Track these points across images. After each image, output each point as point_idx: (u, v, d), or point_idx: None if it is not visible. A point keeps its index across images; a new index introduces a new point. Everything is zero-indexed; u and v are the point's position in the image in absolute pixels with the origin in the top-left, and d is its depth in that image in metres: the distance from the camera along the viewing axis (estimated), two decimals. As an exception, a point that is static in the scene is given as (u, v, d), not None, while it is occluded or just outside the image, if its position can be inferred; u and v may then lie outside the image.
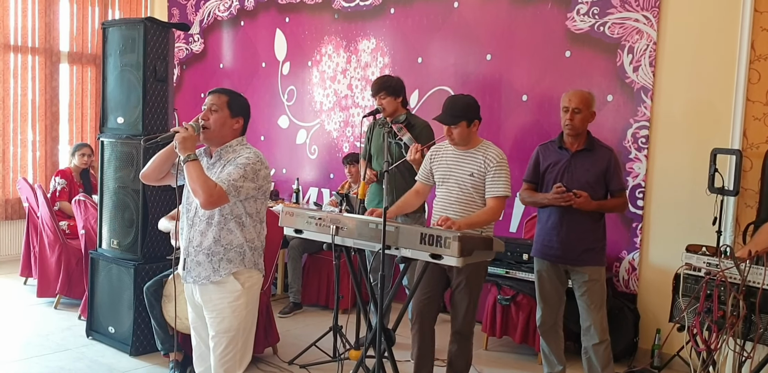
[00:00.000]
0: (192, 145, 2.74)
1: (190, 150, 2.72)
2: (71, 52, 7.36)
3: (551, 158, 3.76)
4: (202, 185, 2.67)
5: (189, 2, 7.50)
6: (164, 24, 4.47)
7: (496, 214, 3.50)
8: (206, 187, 2.67)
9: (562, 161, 3.72)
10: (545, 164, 3.77)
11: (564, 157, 3.72)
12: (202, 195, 2.67)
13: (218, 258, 2.83)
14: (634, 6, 4.52)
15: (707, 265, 3.05)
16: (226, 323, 2.83)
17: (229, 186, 2.71)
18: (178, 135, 2.72)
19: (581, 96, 3.66)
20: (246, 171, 2.76)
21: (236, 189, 2.73)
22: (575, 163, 3.70)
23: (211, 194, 2.67)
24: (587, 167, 3.68)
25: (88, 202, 5.04)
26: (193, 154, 2.72)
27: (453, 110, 3.49)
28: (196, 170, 2.70)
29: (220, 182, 2.71)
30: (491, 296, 4.63)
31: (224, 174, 2.75)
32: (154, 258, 4.38)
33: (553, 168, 3.74)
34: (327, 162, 6.36)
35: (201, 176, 2.69)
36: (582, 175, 3.67)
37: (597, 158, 3.69)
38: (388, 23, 5.84)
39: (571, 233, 3.68)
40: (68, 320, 5.07)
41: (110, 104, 4.53)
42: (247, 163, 2.78)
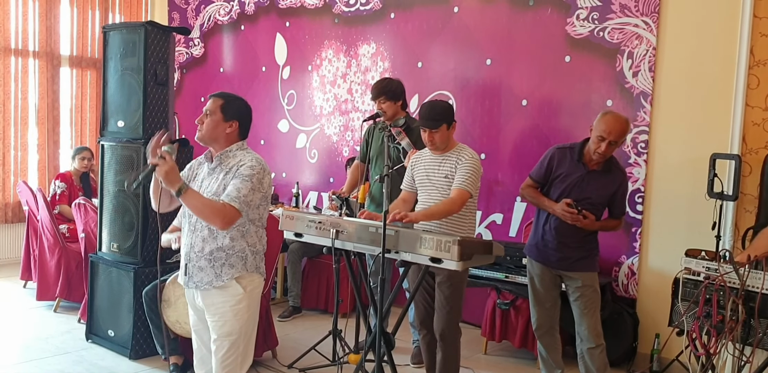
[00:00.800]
0: (176, 176, 2.66)
1: (177, 181, 2.66)
2: (72, 55, 7.37)
3: (566, 168, 3.69)
4: (211, 212, 2.68)
5: (189, 6, 7.52)
6: (165, 28, 4.48)
7: (456, 204, 3.37)
8: (215, 212, 2.68)
9: (576, 175, 3.65)
10: (558, 171, 3.70)
11: (579, 171, 3.65)
12: (216, 221, 2.70)
13: (220, 263, 2.83)
14: (634, 11, 4.54)
15: (706, 269, 3.06)
16: (228, 326, 2.83)
17: (241, 203, 2.73)
18: (159, 169, 2.63)
19: (621, 130, 3.51)
20: (253, 183, 2.77)
21: (247, 204, 2.76)
22: (589, 180, 3.64)
23: (224, 216, 2.70)
24: (598, 187, 3.65)
25: (88, 205, 5.04)
26: (183, 185, 2.66)
27: (432, 114, 3.50)
28: (196, 200, 2.69)
29: (231, 200, 2.71)
30: (491, 300, 4.64)
31: (232, 189, 2.74)
32: (153, 262, 4.36)
33: (565, 179, 3.67)
34: (327, 166, 6.37)
35: (206, 204, 2.69)
36: (591, 193, 3.63)
37: (610, 181, 3.66)
38: (389, 28, 5.85)
39: (569, 242, 3.68)
40: (68, 324, 5.07)
41: (110, 108, 4.54)
42: (252, 173, 2.78)
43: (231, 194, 2.73)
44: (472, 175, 3.43)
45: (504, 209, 5.19)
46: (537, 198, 3.76)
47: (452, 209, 3.37)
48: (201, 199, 2.70)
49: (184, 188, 2.66)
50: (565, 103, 4.88)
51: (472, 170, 3.44)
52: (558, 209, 3.58)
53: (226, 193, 2.74)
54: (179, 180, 2.67)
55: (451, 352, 3.57)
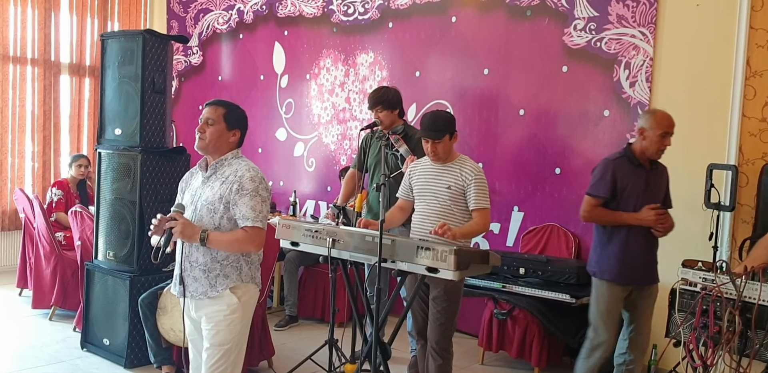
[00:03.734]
0: (192, 229, 2.74)
1: (196, 233, 2.74)
2: (71, 63, 7.38)
3: (629, 176, 3.62)
4: (240, 244, 2.76)
5: (188, 15, 7.54)
6: (163, 36, 4.49)
7: (486, 225, 3.58)
8: (245, 241, 2.75)
9: (641, 181, 3.61)
10: (624, 182, 3.61)
11: (641, 176, 3.62)
12: (249, 248, 2.78)
13: (215, 274, 2.82)
14: (631, 22, 4.56)
15: (703, 280, 3.05)
16: (221, 336, 2.82)
17: (262, 222, 2.78)
18: (175, 231, 2.72)
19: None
20: (261, 196, 2.79)
21: (264, 219, 2.80)
22: (651, 181, 3.62)
23: (253, 241, 2.76)
24: (659, 184, 3.66)
25: (85, 213, 5.03)
26: (203, 234, 2.73)
27: (435, 125, 3.52)
28: (222, 241, 2.76)
29: (253, 222, 2.74)
30: (488, 310, 4.62)
31: (247, 210, 2.75)
32: (150, 270, 4.36)
33: (633, 187, 3.60)
34: (324, 175, 6.36)
35: (231, 240, 2.76)
36: (657, 193, 3.62)
37: (662, 175, 3.70)
38: (386, 37, 5.87)
39: (653, 254, 3.67)
40: (63, 332, 5.05)
41: (108, 116, 4.53)
42: (256, 186, 2.78)
43: (248, 215, 2.75)
44: (485, 191, 3.53)
45: (501, 218, 5.19)
46: (613, 215, 3.60)
47: (485, 230, 3.66)
48: (225, 237, 2.76)
49: (204, 236, 2.73)
50: (563, 113, 4.89)
51: (483, 186, 3.53)
52: (645, 216, 3.52)
53: (242, 215, 2.75)
54: (197, 231, 2.74)
55: (444, 365, 3.55)
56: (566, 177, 4.88)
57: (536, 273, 4.50)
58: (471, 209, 3.52)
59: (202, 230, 2.73)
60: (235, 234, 2.75)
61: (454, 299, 3.49)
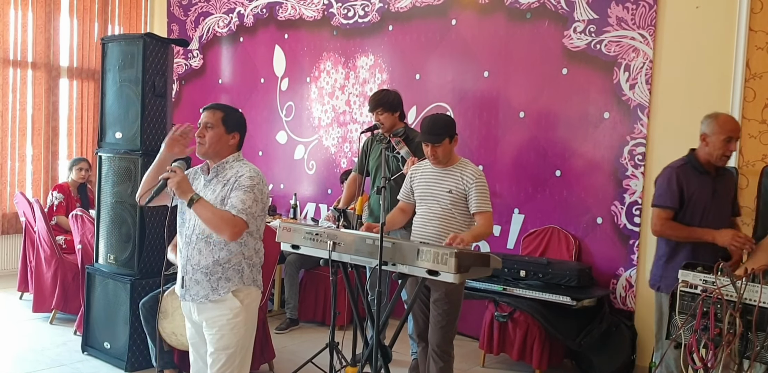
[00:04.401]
0: (188, 185, 2.73)
1: (189, 191, 2.71)
2: (71, 67, 7.38)
3: (694, 183, 3.55)
4: (221, 222, 2.69)
5: (188, 18, 7.55)
6: (163, 40, 4.49)
7: (491, 228, 3.60)
8: (226, 221, 2.70)
9: (708, 188, 3.54)
10: (690, 190, 3.55)
11: (708, 183, 3.54)
12: (226, 231, 2.70)
13: (217, 277, 2.82)
14: (631, 24, 4.56)
15: (703, 282, 3.04)
16: (225, 340, 2.82)
17: (247, 215, 2.74)
18: (171, 181, 2.69)
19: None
20: (255, 194, 2.78)
21: (252, 215, 2.77)
22: (718, 187, 3.54)
23: (234, 226, 2.71)
24: (727, 191, 3.57)
25: (86, 217, 5.03)
26: (195, 195, 2.71)
27: (435, 129, 3.53)
28: (208, 209, 2.71)
29: (238, 212, 2.72)
30: (488, 312, 4.62)
31: (237, 201, 2.74)
32: (150, 273, 4.36)
33: (700, 195, 3.53)
34: (325, 178, 6.37)
35: (216, 213, 2.71)
36: (725, 200, 3.54)
37: (728, 180, 3.60)
38: (387, 40, 5.87)
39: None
40: (63, 336, 5.04)
41: (109, 119, 4.53)
42: (252, 184, 2.78)
43: (237, 206, 2.74)
44: (486, 195, 3.54)
45: (502, 221, 5.19)
46: (688, 231, 3.50)
47: (491, 232, 3.68)
48: (212, 209, 2.72)
49: (196, 197, 2.70)
50: (563, 115, 4.89)
51: (484, 190, 3.54)
52: (725, 239, 3.39)
53: (231, 205, 2.74)
54: (191, 190, 2.72)
55: (445, 368, 3.55)
56: (567, 179, 4.88)
57: (537, 276, 4.50)
58: (473, 212, 3.52)
59: (197, 194, 2.72)
60: (222, 212, 2.72)
61: (454, 302, 3.49)
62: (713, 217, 3.57)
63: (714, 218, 3.57)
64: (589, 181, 4.80)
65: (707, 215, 3.54)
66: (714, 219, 3.56)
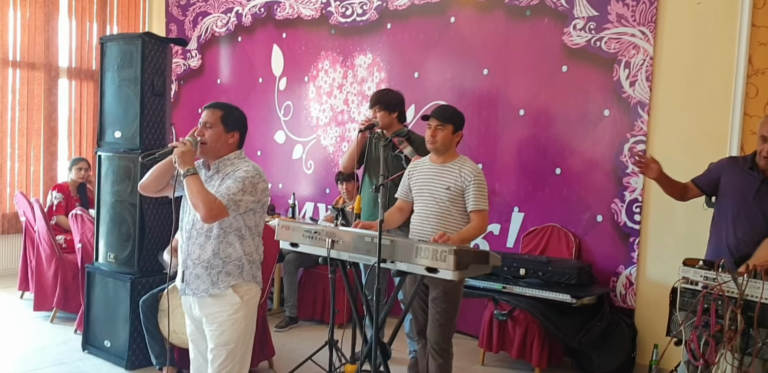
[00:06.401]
0: (191, 159, 2.76)
1: (189, 164, 2.74)
2: (70, 67, 7.38)
3: (737, 177, 3.49)
4: (202, 199, 2.69)
5: (187, 18, 7.55)
6: (162, 39, 4.48)
7: (483, 227, 3.56)
8: (206, 201, 2.69)
9: (751, 184, 3.46)
10: (727, 182, 3.52)
11: (753, 179, 3.46)
12: (202, 209, 2.69)
13: (217, 271, 2.83)
14: (631, 21, 4.55)
15: (704, 279, 3.03)
16: (225, 336, 2.83)
17: (228, 201, 2.73)
18: (176, 150, 2.74)
19: None
20: (245, 185, 2.77)
21: (236, 203, 2.75)
22: (765, 190, 3.43)
23: (211, 208, 2.69)
24: None
25: (85, 216, 5.03)
26: (192, 169, 2.74)
27: (445, 113, 3.60)
28: (197, 184, 2.72)
29: (220, 196, 2.72)
30: (488, 311, 4.61)
31: (223, 188, 2.77)
32: (150, 272, 4.36)
33: (737, 191, 3.48)
34: (323, 177, 6.36)
35: (201, 191, 2.71)
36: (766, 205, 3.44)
37: None
38: (385, 38, 5.87)
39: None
40: (64, 334, 5.04)
41: (108, 118, 4.53)
42: (245, 176, 2.79)
43: (221, 191, 2.77)
44: (484, 193, 3.51)
45: (501, 219, 5.18)
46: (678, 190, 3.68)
47: (483, 232, 3.63)
48: (202, 186, 2.74)
49: (192, 171, 2.74)
50: (563, 112, 4.88)
51: (482, 188, 3.51)
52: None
53: (217, 191, 2.77)
54: (192, 163, 2.76)
55: (444, 365, 3.54)
56: (566, 177, 4.87)
57: (537, 274, 4.49)
58: (469, 211, 3.50)
59: (195, 168, 2.75)
60: (207, 192, 2.73)
61: (453, 300, 3.48)
62: (746, 218, 3.47)
63: (747, 220, 3.46)
64: (589, 179, 4.79)
65: (740, 213, 3.47)
66: (747, 221, 3.46)
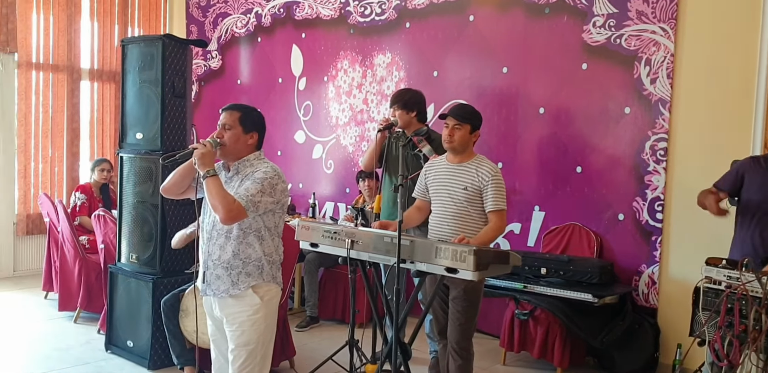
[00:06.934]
0: (210, 160, 2.78)
1: (209, 166, 2.76)
2: (92, 69, 7.45)
3: (760, 177, 3.50)
4: (221, 201, 2.71)
5: (207, 19, 7.59)
6: (182, 41, 4.51)
7: (502, 228, 3.52)
8: (225, 202, 2.70)
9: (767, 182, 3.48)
10: (751, 182, 3.52)
11: None
12: (221, 211, 2.71)
13: (237, 272, 2.85)
14: (651, 18, 4.51)
15: (728, 278, 3.01)
16: (246, 336, 2.84)
17: (247, 202, 2.75)
18: (196, 152, 2.77)
19: None
20: (263, 186, 2.79)
21: (254, 204, 2.77)
22: None
23: (230, 210, 2.70)
24: None
25: (108, 217, 5.08)
26: (212, 170, 2.76)
27: (463, 111, 3.59)
28: (216, 186, 2.74)
29: (239, 198, 2.74)
30: (509, 310, 4.60)
31: (242, 189, 2.78)
32: (172, 272, 4.39)
33: (761, 191, 3.48)
34: (343, 176, 6.37)
35: (220, 192, 2.73)
36: None
37: None
38: (404, 37, 5.86)
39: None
40: (87, 334, 5.09)
41: (129, 120, 4.57)
42: (264, 177, 2.81)
43: (239, 192, 2.79)
44: (502, 193, 3.47)
45: (522, 218, 5.16)
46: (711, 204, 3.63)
47: (501, 233, 3.60)
48: (221, 188, 2.76)
49: (212, 172, 2.76)
50: (583, 110, 4.85)
51: (500, 187, 3.47)
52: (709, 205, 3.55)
53: (236, 192, 2.79)
54: (211, 165, 2.78)
55: (465, 365, 3.53)
56: (588, 175, 4.84)
57: (558, 273, 4.47)
58: (488, 211, 3.47)
59: (214, 170, 2.77)
60: (227, 193, 2.75)
61: (473, 300, 3.46)
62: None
63: None
64: (610, 177, 4.75)
65: (766, 213, 3.46)
66: None
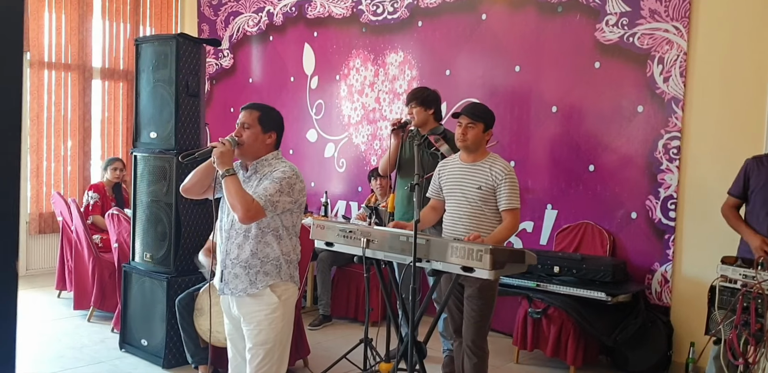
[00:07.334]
0: (229, 159, 2.79)
1: (228, 165, 2.78)
2: (104, 67, 7.48)
3: (764, 175, 3.54)
4: (240, 200, 2.72)
5: (218, 18, 7.61)
6: (196, 40, 4.53)
7: (516, 226, 3.53)
8: (244, 202, 2.71)
9: None
10: (756, 182, 3.57)
11: None
12: (240, 210, 2.72)
13: (255, 271, 2.86)
14: (664, 16, 4.50)
15: (743, 277, 3.01)
16: (263, 335, 2.86)
17: (266, 201, 2.75)
18: (215, 150, 2.77)
19: None
20: (282, 185, 2.80)
21: (273, 204, 2.78)
22: None
23: (249, 209, 2.71)
24: None
25: (122, 216, 5.10)
26: (231, 169, 2.77)
27: (476, 110, 3.60)
28: (235, 185, 2.75)
29: (257, 197, 2.75)
30: (522, 309, 4.60)
31: (261, 189, 2.79)
32: (186, 271, 4.41)
33: (765, 188, 3.53)
34: (355, 175, 6.38)
35: (239, 191, 2.74)
36: None
37: None
38: (416, 36, 5.87)
39: None
40: (101, 333, 5.12)
41: (143, 119, 4.59)
42: (283, 177, 2.82)
43: (258, 192, 2.79)
44: (515, 191, 3.47)
45: (534, 216, 5.16)
46: (735, 224, 3.68)
47: (514, 232, 3.60)
48: (240, 187, 2.77)
49: (231, 171, 2.77)
50: (596, 109, 4.85)
51: (514, 186, 3.46)
52: (755, 245, 3.49)
53: (254, 191, 2.80)
54: (230, 164, 2.79)
55: (480, 364, 3.54)
56: (600, 174, 4.84)
57: (571, 271, 4.47)
58: (501, 210, 3.47)
59: (233, 169, 2.78)
60: (246, 193, 2.76)
61: (488, 298, 3.47)
62: None
63: None
64: (623, 176, 4.75)
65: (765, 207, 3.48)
66: None
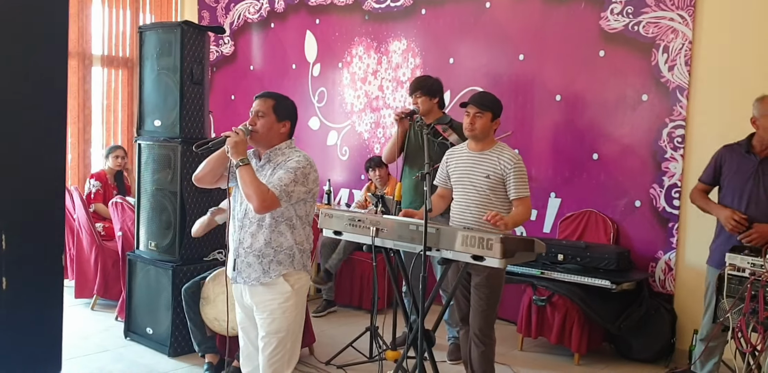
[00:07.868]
0: (243, 149, 2.79)
1: (242, 154, 2.77)
2: (103, 55, 7.43)
3: (735, 163, 3.61)
4: (255, 190, 2.71)
5: (219, 5, 7.56)
6: (200, 27, 4.51)
7: (529, 214, 3.60)
8: (259, 191, 2.71)
9: (749, 168, 3.56)
10: (728, 169, 3.63)
11: (751, 163, 3.57)
12: (255, 200, 2.72)
13: (268, 260, 2.86)
14: (669, 5, 4.49)
15: (752, 266, 3.02)
16: (277, 324, 2.86)
17: (281, 191, 2.76)
18: (229, 140, 2.77)
19: None
20: (296, 175, 2.80)
21: (288, 194, 2.78)
22: (764, 170, 3.53)
23: (264, 199, 2.71)
24: None
25: (125, 204, 5.09)
26: (245, 159, 2.77)
27: (484, 100, 3.57)
28: (249, 175, 2.75)
29: (273, 187, 2.75)
30: (526, 296, 4.62)
31: (275, 179, 2.79)
32: (192, 260, 4.41)
33: (737, 175, 3.59)
34: (358, 163, 6.37)
35: (254, 181, 2.74)
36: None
37: None
38: (419, 24, 5.84)
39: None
40: (105, 322, 5.13)
41: (147, 107, 4.57)
42: (297, 167, 2.81)
43: (273, 182, 2.79)
44: (524, 180, 3.49)
45: (538, 205, 5.17)
46: (707, 205, 3.75)
47: (528, 217, 3.65)
48: (254, 177, 2.76)
49: (245, 161, 2.77)
50: (600, 98, 4.85)
51: (522, 175, 3.49)
52: (722, 217, 3.57)
53: (269, 181, 2.80)
54: (244, 153, 2.79)
55: (486, 352, 3.56)
56: (604, 162, 4.85)
57: (575, 259, 4.49)
58: (512, 199, 3.48)
59: (247, 158, 2.79)
60: (260, 182, 2.76)
61: (495, 287, 3.48)
62: (752, 200, 3.55)
63: (753, 203, 3.54)
64: (627, 164, 4.76)
65: (744, 197, 3.53)
66: (753, 203, 3.54)
